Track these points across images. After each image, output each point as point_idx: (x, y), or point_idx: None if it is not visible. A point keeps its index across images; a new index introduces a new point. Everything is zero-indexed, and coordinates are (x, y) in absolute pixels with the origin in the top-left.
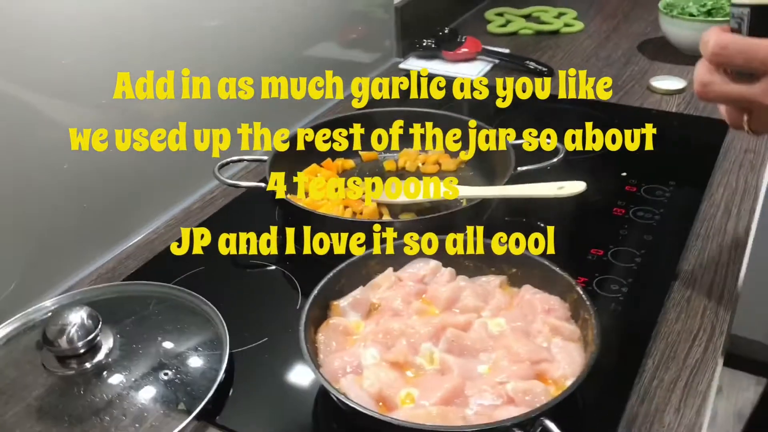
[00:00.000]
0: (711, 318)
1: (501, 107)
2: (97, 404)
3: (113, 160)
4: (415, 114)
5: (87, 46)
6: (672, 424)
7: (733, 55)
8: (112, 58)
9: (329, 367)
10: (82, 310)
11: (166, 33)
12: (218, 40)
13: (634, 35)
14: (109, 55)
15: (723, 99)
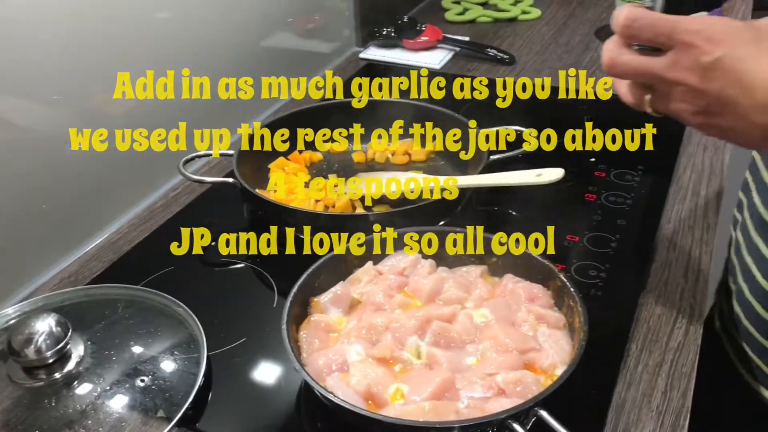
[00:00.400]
0: (689, 300)
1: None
2: (70, 416)
3: (71, 159)
4: (381, 104)
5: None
6: (660, 408)
7: (643, 27)
8: (64, 54)
9: (314, 365)
10: (50, 318)
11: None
12: (172, 32)
13: (591, 21)
14: (60, 52)
15: (630, 72)
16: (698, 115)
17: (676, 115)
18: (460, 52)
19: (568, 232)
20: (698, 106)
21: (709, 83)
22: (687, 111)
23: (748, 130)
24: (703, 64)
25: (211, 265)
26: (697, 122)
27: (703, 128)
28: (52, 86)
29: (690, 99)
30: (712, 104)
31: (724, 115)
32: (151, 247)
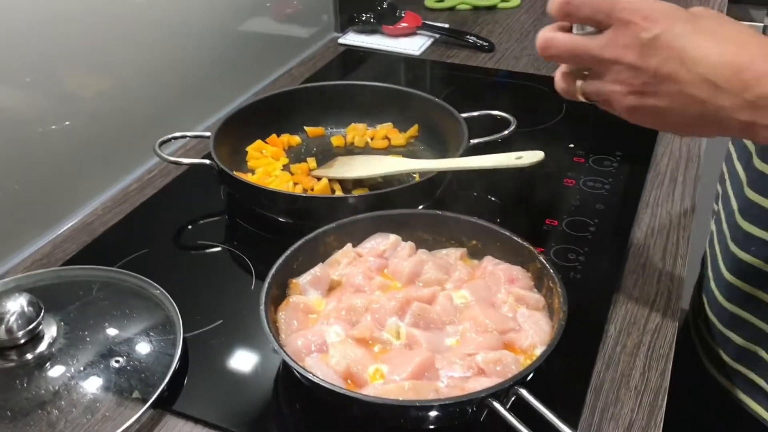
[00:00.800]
0: (666, 283)
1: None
2: (43, 396)
3: (44, 139)
4: (360, 87)
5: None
6: (639, 388)
7: (582, 4)
8: (37, 37)
9: (292, 346)
10: (21, 297)
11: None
12: (148, 15)
13: None
14: (32, 35)
15: (565, 52)
16: (632, 95)
17: (608, 98)
18: (439, 39)
19: (547, 216)
20: (633, 86)
21: (647, 59)
22: (620, 92)
23: (684, 108)
24: (641, 40)
25: (186, 248)
26: (629, 104)
27: (634, 112)
28: (24, 69)
29: (625, 78)
30: (648, 82)
31: (659, 94)
32: (126, 229)
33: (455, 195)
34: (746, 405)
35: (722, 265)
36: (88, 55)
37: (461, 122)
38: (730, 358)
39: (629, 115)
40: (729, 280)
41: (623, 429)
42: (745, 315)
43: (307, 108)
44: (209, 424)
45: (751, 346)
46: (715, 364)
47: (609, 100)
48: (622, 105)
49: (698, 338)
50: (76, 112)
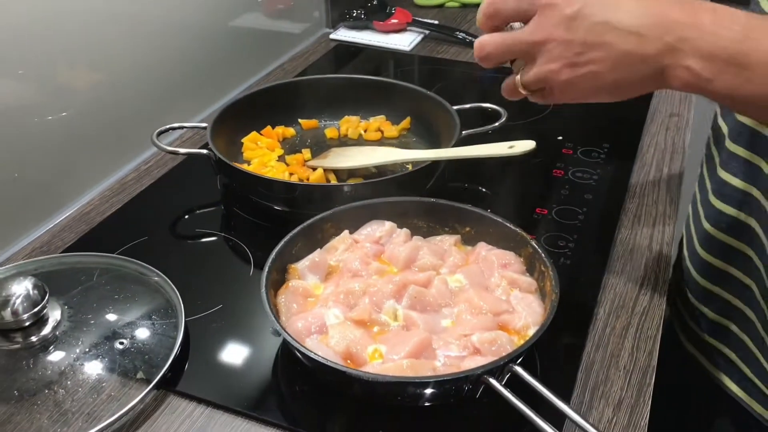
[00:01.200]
0: (654, 268)
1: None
2: (49, 377)
3: (41, 130)
4: (353, 81)
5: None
6: (628, 367)
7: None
8: (31, 31)
9: (293, 328)
10: (27, 281)
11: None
12: (145, 10)
13: None
14: (26, 29)
15: (499, 49)
16: (566, 68)
17: (545, 80)
18: (429, 35)
19: (537, 205)
20: (566, 58)
21: (575, 32)
22: (555, 69)
23: (615, 66)
24: (566, 16)
25: (184, 237)
26: (565, 77)
27: (571, 86)
28: (21, 61)
29: (558, 54)
30: (579, 52)
31: (592, 60)
32: (123, 218)
33: (447, 186)
34: (725, 385)
35: (696, 243)
36: (85, 50)
37: (453, 114)
38: (703, 332)
39: (569, 90)
40: (702, 256)
41: (613, 406)
42: (717, 290)
43: (301, 101)
44: (211, 403)
45: (722, 321)
46: (691, 340)
47: (547, 82)
48: (559, 81)
49: (675, 316)
50: (72, 103)
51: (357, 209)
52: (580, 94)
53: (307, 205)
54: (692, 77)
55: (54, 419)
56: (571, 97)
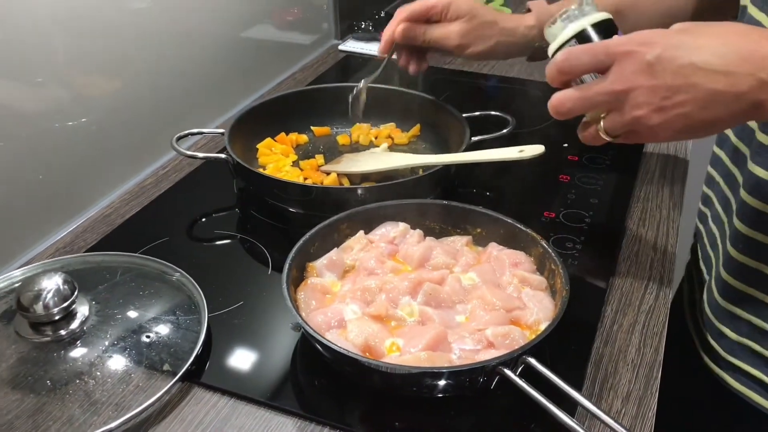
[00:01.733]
0: (658, 269)
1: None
2: (79, 368)
3: (64, 135)
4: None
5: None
6: (635, 361)
7: (579, 56)
8: (58, 40)
9: (313, 322)
10: (57, 276)
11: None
12: (162, 21)
13: None
14: (45, 39)
15: (578, 102)
16: (656, 113)
17: (633, 126)
18: None
19: (545, 209)
20: (654, 104)
21: (660, 76)
22: (644, 115)
23: (707, 105)
24: (647, 62)
25: (203, 239)
26: (656, 122)
27: (664, 128)
28: (44, 69)
29: (644, 100)
30: (667, 96)
31: (681, 103)
32: (143, 220)
33: (456, 191)
34: (738, 391)
35: (719, 264)
36: (103, 59)
37: (462, 120)
38: (725, 351)
39: (660, 132)
40: (725, 278)
41: (622, 398)
42: (739, 312)
43: (314, 108)
44: (234, 394)
45: (745, 341)
46: (711, 356)
47: (634, 127)
48: (649, 126)
49: (696, 332)
50: (92, 110)
51: (371, 211)
52: (671, 135)
53: (322, 207)
54: None
55: (84, 408)
56: (662, 138)
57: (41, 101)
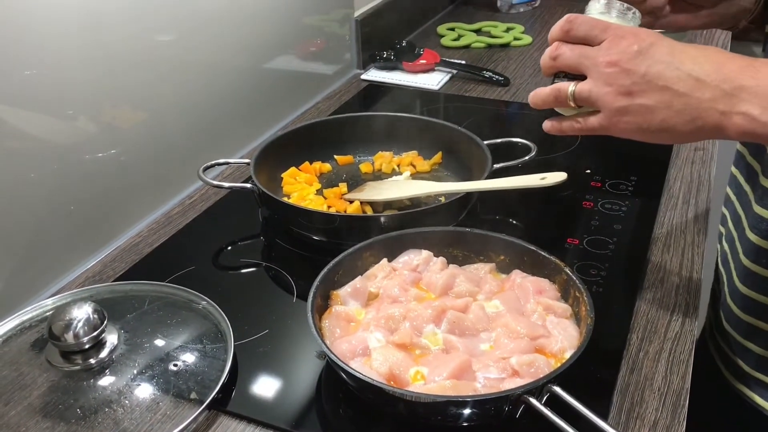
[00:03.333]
0: (684, 296)
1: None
2: (108, 396)
3: (93, 166)
4: (386, 118)
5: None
6: (662, 389)
7: (582, 23)
8: (87, 73)
9: (338, 350)
10: (86, 306)
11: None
12: (187, 54)
13: None
14: (83, 71)
15: (571, 57)
16: (622, 95)
17: (598, 99)
18: (456, 75)
19: (568, 236)
20: (623, 87)
21: (639, 64)
22: (611, 93)
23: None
24: (635, 49)
25: (229, 267)
26: (619, 105)
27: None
28: (73, 103)
29: (616, 79)
30: (637, 82)
31: (647, 93)
32: (170, 249)
33: (479, 218)
34: (763, 408)
35: (736, 280)
36: (133, 93)
37: (484, 148)
38: (749, 367)
39: (616, 118)
40: (744, 292)
41: (649, 427)
42: (762, 325)
43: (337, 137)
44: (260, 422)
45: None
46: (735, 373)
47: (598, 102)
48: (612, 106)
49: (716, 350)
50: (120, 142)
51: (394, 239)
52: (626, 127)
53: (345, 235)
54: (749, 123)
55: None
56: (617, 128)
57: (72, 133)
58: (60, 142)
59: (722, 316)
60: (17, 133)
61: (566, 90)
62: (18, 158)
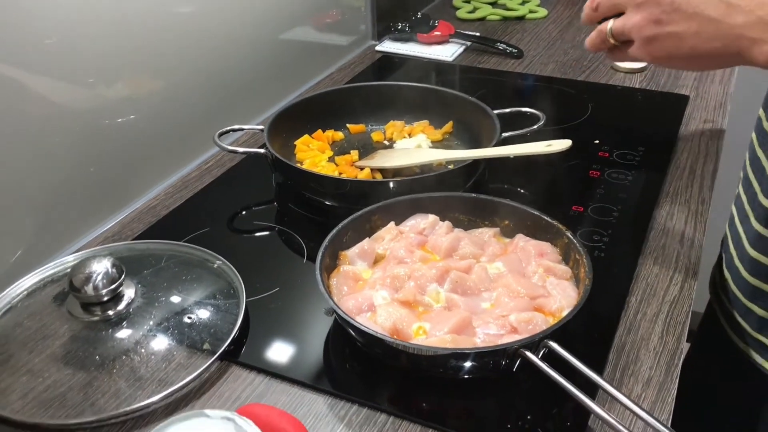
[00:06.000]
0: (684, 262)
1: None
2: (126, 345)
3: (114, 130)
4: (398, 88)
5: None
6: (657, 349)
7: None
8: (106, 42)
9: (345, 306)
10: (105, 260)
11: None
12: (203, 24)
13: None
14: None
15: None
16: (652, 24)
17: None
18: (471, 47)
19: (573, 203)
20: (653, 15)
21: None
22: (642, 23)
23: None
24: None
25: (242, 230)
26: (649, 33)
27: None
28: (94, 70)
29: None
30: (667, 11)
31: (676, 21)
32: (186, 212)
33: (487, 187)
34: (764, 369)
35: (746, 243)
36: (152, 62)
37: (493, 117)
38: (752, 329)
39: (648, 46)
40: (752, 255)
41: (642, 383)
42: (766, 287)
43: (349, 107)
44: (270, 373)
45: None
46: (740, 336)
47: (631, 33)
48: (642, 35)
49: (722, 312)
50: (139, 108)
51: (402, 203)
52: (658, 53)
53: (356, 200)
54: None
55: (130, 383)
56: (650, 56)
57: (92, 100)
58: (81, 108)
59: (729, 278)
60: (40, 99)
61: (605, 29)
62: (40, 123)
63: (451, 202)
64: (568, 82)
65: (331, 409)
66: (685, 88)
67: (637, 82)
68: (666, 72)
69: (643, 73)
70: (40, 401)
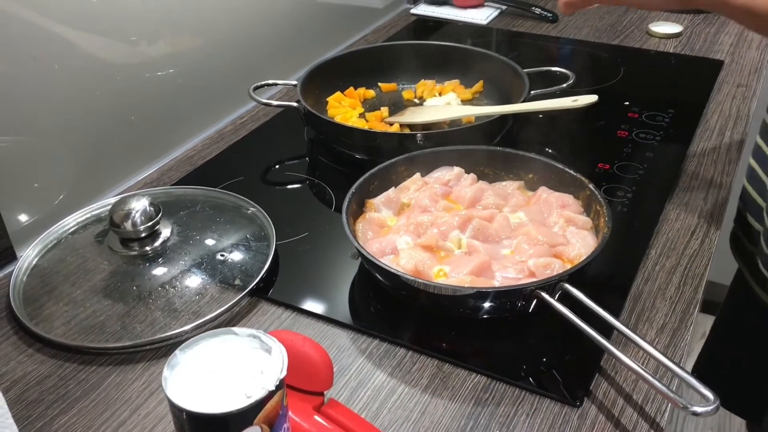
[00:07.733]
0: (707, 218)
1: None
2: (162, 280)
3: (154, 83)
4: (429, 47)
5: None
6: (673, 299)
7: None
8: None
9: (369, 249)
10: (144, 199)
11: None
12: None
13: None
14: None
15: None
16: None
17: None
18: (506, 11)
19: (600, 161)
20: None
21: None
22: None
23: None
24: None
25: (275, 179)
26: None
27: None
28: (134, 27)
29: None
30: None
31: None
32: (222, 162)
33: (514, 143)
34: None
35: None
36: (191, 20)
37: (523, 76)
38: None
39: None
40: None
41: (656, 329)
42: None
43: (382, 65)
44: (296, 308)
45: None
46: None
47: None
48: None
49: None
50: (178, 63)
51: (428, 155)
52: None
53: (384, 153)
54: None
55: (165, 314)
56: None
57: (133, 56)
58: (123, 63)
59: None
60: (84, 55)
61: None
62: (85, 76)
63: (477, 155)
64: (601, 46)
65: (354, 342)
66: (721, 53)
67: (671, 47)
68: (702, 37)
69: (678, 39)
70: (81, 327)
